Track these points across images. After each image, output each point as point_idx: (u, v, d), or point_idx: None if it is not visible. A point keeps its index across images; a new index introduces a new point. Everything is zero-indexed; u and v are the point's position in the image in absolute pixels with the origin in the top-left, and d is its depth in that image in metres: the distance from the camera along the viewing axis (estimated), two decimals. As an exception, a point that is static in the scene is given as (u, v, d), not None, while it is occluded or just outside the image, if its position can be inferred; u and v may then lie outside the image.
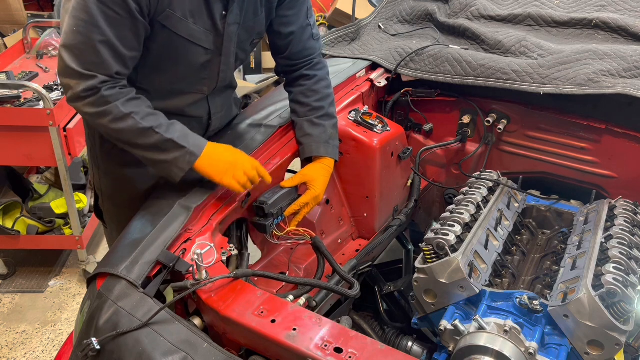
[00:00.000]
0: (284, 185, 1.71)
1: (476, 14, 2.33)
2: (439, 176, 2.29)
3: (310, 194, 1.71)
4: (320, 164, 1.77)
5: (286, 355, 1.19)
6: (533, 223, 1.89)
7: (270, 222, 1.63)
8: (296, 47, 1.76)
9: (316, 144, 1.76)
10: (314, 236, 1.63)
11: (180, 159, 1.46)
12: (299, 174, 1.75)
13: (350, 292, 1.48)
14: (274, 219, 1.65)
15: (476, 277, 1.46)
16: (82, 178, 3.17)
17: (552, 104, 1.96)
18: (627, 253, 1.43)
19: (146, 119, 1.44)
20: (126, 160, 1.67)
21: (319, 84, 1.80)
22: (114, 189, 1.81)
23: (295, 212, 1.71)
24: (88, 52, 1.37)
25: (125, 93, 1.44)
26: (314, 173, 1.74)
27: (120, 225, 1.85)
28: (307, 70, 1.79)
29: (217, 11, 1.51)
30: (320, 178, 1.74)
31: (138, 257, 1.33)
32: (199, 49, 1.55)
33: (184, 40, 1.50)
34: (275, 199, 1.64)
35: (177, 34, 1.48)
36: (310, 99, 1.78)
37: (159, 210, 1.48)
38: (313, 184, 1.72)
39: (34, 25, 3.48)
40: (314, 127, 1.76)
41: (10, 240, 2.82)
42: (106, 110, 1.41)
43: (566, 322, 1.31)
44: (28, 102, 2.61)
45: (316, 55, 1.81)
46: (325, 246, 1.62)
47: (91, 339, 1.19)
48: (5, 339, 2.64)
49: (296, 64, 1.79)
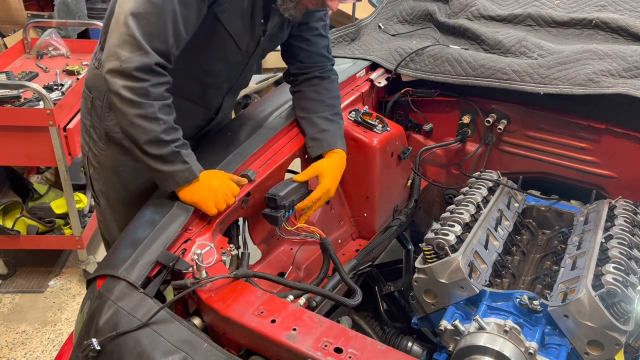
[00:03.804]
0: (296, 180, 1.70)
1: (476, 14, 2.33)
2: (439, 176, 2.29)
3: (322, 187, 1.70)
4: (332, 157, 1.77)
5: (286, 355, 1.19)
6: (533, 223, 1.89)
7: (282, 214, 1.61)
8: (312, 52, 1.81)
9: (333, 139, 1.78)
10: (323, 237, 1.63)
11: (179, 174, 1.45)
12: (311, 168, 1.74)
13: (350, 301, 1.43)
14: (285, 210, 1.63)
15: (476, 277, 1.46)
16: (82, 178, 3.17)
17: (552, 104, 1.96)
18: (627, 253, 1.43)
19: (168, 131, 1.43)
20: (120, 161, 1.69)
21: (332, 85, 1.85)
22: (106, 186, 1.82)
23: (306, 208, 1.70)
24: (156, 22, 1.35)
25: (167, 97, 1.44)
26: (326, 167, 1.74)
27: (112, 224, 1.87)
28: (321, 73, 1.83)
29: (257, 17, 1.57)
30: (332, 172, 1.74)
31: (137, 258, 1.33)
32: (235, 47, 1.59)
33: (228, 35, 1.54)
34: (287, 191, 1.63)
35: (224, 28, 1.51)
36: (324, 96, 1.81)
37: (158, 210, 1.48)
38: (325, 177, 1.71)
39: (34, 25, 3.48)
40: (330, 123, 1.79)
41: (10, 240, 2.82)
42: (141, 103, 1.38)
43: (566, 322, 1.31)
44: (28, 102, 2.61)
45: (329, 65, 1.86)
46: (333, 249, 1.62)
47: (91, 340, 1.18)
48: (5, 339, 2.64)
49: (310, 66, 1.82)
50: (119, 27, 1.36)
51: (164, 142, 1.42)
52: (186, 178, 1.46)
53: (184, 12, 1.39)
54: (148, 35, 1.36)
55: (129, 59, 1.35)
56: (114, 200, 1.82)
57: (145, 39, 1.35)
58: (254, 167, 1.66)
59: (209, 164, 1.60)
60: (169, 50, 1.40)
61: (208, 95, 1.73)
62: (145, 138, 1.41)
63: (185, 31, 1.43)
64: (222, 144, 1.74)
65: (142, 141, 1.42)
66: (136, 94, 1.37)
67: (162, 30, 1.37)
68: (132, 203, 1.72)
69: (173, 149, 1.43)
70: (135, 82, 1.37)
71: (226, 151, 1.68)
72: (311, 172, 1.72)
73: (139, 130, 1.41)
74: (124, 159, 1.70)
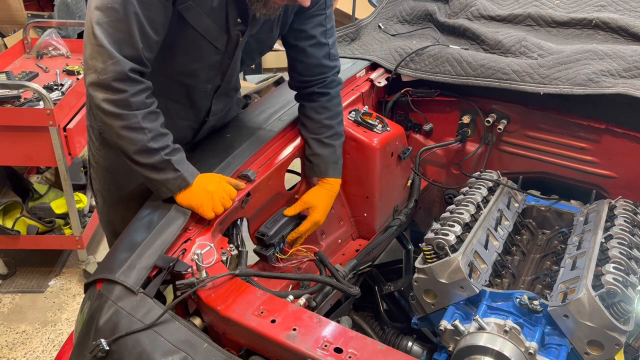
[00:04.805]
0: (286, 214, 1.74)
1: (476, 14, 2.33)
2: (439, 176, 2.29)
3: (311, 220, 1.74)
4: (323, 188, 1.79)
5: (286, 355, 1.19)
6: (533, 223, 1.89)
7: (272, 252, 1.67)
8: (310, 64, 1.75)
9: (324, 165, 1.78)
10: (316, 251, 1.65)
11: (171, 182, 1.45)
12: (300, 202, 1.77)
13: (351, 290, 1.49)
14: (275, 247, 1.68)
15: (476, 277, 1.46)
16: (82, 178, 3.17)
17: (552, 104, 1.96)
18: (627, 253, 1.43)
19: (156, 139, 1.42)
20: (114, 162, 1.69)
21: (331, 102, 1.80)
22: (102, 186, 1.82)
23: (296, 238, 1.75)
24: (121, 28, 1.34)
25: (149, 104, 1.42)
26: (315, 199, 1.76)
27: (110, 223, 1.87)
28: (320, 88, 1.78)
29: (232, 16, 1.53)
30: (322, 204, 1.77)
31: (135, 262, 1.33)
32: (211, 47, 1.56)
33: (199, 34, 1.51)
34: (276, 229, 1.68)
35: (192, 27, 1.48)
36: (321, 115, 1.78)
37: (157, 212, 1.47)
38: (315, 210, 1.75)
39: (34, 25, 3.48)
40: (323, 147, 1.78)
41: (10, 240, 2.82)
42: (124, 115, 1.38)
43: (566, 322, 1.31)
44: (28, 102, 2.61)
45: (331, 75, 1.80)
46: (328, 259, 1.63)
47: (100, 340, 1.19)
48: (5, 339, 2.64)
49: (309, 80, 1.78)
50: (90, 38, 1.36)
51: (153, 150, 1.41)
52: (178, 185, 1.46)
53: (147, 13, 1.36)
54: (116, 43, 1.35)
55: (103, 69, 1.35)
56: (110, 199, 1.83)
57: (115, 47, 1.34)
58: (254, 167, 1.66)
59: (207, 166, 1.60)
60: (140, 54, 1.38)
61: (193, 96, 1.69)
62: (134, 148, 1.41)
63: (155, 33, 1.40)
64: (220, 147, 1.74)
65: (131, 152, 1.42)
66: (117, 106, 1.37)
67: (129, 36, 1.35)
68: (128, 203, 1.72)
69: (163, 157, 1.43)
70: (114, 94, 1.36)
71: (224, 154, 1.68)
72: (301, 206, 1.76)
73: (126, 141, 1.41)
74: (118, 160, 1.70)
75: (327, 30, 1.74)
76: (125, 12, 1.33)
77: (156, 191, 1.49)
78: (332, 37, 1.77)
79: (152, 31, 1.39)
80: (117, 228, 1.80)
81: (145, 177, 1.47)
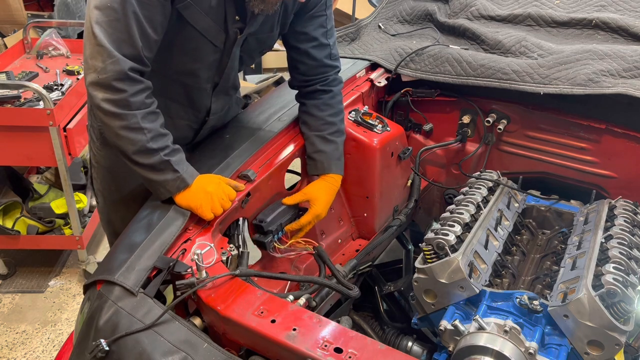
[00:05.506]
0: (285, 203, 1.73)
1: (476, 14, 2.33)
2: (439, 176, 2.29)
3: (312, 212, 1.73)
4: (326, 182, 1.78)
5: (286, 355, 1.19)
6: (533, 223, 1.89)
7: (270, 239, 1.66)
8: (311, 64, 1.76)
9: (328, 162, 1.78)
10: (316, 245, 1.64)
11: (170, 183, 1.45)
12: (301, 192, 1.76)
13: (350, 291, 1.49)
14: (273, 235, 1.67)
15: (476, 277, 1.46)
16: (82, 178, 3.17)
17: (552, 104, 1.96)
18: (627, 253, 1.43)
19: (155, 139, 1.42)
20: (114, 162, 1.69)
21: (333, 99, 1.81)
22: (103, 186, 1.82)
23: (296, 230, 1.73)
24: (120, 28, 1.34)
25: (149, 104, 1.42)
26: (317, 192, 1.75)
27: (111, 223, 1.87)
28: (322, 86, 1.79)
29: (230, 13, 1.53)
30: (324, 197, 1.75)
31: (134, 263, 1.32)
32: (209, 45, 1.56)
33: (198, 33, 1.51)
34: (273, 216, 1.67)
35: (192, 26, 1.49)
36: (324, 112, 1.79)
37: (156, 213, 1.47)
38: (316, 202, 1.74)
39: (34, 25, 3.48)
40: (327, 144, 1.78)
41: (10, 240, 2.82)
42: (123, 114, 1.38)
43: (566, 322, 1.31)
44: (28, 102, 2.61)
45: (332, 74, 1.81)
46: (327, 255, 1.62)
47: (100, 340, 1.19)
48: (5, 339, 2.64)
49: (310, 79, 1.79)
50: (89, 38, 1.37)
51: (152, 151, 1.42)
52: (177, 186, 1.46)
53: (146, 13, 1.37)
54: (116, 42, 1.35)
55: (103, 69, 1.35)
56: (110, 199, 1.83)
57: (114, 46, 1.34)
58: (253, 167, 1.66)
59: (207, 167, 1.60)
60: (140, 53, 1.38)
61: (193, 96, 1.69)
62: (133, 149, 1.41)
63: (154, 32, 1.40)
64: (220, 147, 1.74)
65: (130, 152, 1.42)
66: (117, 106, 1.37)
67: (128, 35, 1.35)
68: (129, 203, 1.72)
69: (162, 157, 1.43)
70: (114, 94, 1.36)
71: (224, 154, 1.68)
72: (301, 197, 1.75)
73: (125, 141, 1.41)
74: (119, 161, 1.70)
75: (327, 31, 1.75)
76: (124, 11, 1.33)
77: (155, 192, 1.49)
78: (333, 37, 1.78)
79: (151, 30, 1.40)
80: (117, 228, 1.80)
81: (144, 177, 1.47)
